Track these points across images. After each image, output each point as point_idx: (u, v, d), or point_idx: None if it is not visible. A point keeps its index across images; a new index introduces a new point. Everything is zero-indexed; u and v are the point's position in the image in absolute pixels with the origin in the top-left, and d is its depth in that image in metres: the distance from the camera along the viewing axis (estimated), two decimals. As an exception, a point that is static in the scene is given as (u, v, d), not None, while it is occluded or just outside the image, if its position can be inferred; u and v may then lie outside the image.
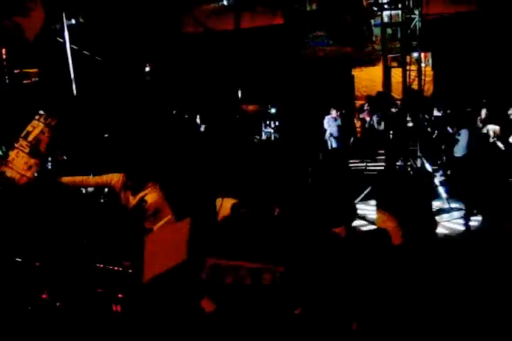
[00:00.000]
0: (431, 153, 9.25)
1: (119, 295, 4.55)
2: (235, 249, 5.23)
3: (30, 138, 6.22)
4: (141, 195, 5.48)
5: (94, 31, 9.79)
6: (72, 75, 8.40)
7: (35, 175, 6.07)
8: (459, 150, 8.93)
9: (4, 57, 9.62)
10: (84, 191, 6.30)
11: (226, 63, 10.84)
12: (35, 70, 10.49)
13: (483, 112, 9.38)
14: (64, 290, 4.73)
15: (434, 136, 9.86)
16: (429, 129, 9.84)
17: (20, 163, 6.10)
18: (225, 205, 5.71)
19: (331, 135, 11.71)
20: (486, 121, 9.01)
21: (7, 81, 9.77)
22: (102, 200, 6.21)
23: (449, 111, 9.93)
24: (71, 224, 5.73)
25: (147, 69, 11.52)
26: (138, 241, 5.26)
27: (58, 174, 5.92)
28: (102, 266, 4.82)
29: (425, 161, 8.88)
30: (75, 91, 8.15)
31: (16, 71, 10.14)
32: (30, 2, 8.38)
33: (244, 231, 5.46)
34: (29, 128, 6.21)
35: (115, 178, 5.68)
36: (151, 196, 5.46)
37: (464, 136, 8.94)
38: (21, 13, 8.34)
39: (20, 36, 8.46)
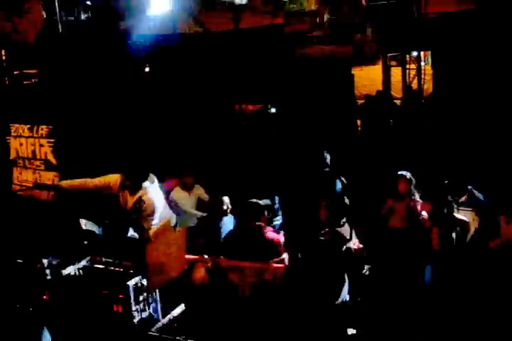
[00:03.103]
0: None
1: (120, 296, 4.56)
2: (237, 249, 5.25)
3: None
4: (138, 195, 5.49)
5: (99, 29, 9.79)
6: None
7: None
8: None
9: (4, 58, 9.63)
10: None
11: (224, 63, 10.83)
12: (35, 71, 10.49)
13: None
14: (65, 291, 4.74)
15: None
16: None
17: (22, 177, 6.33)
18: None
19: None
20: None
21: (7, 82, 9.77)
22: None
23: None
24: (70, 225, 5.73)
25: (146, 69, 11.52)
26: (138, 241, 5.28)
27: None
28: (102, 266, 4.82)
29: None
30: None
31: (15, 72, 10.15)
32: (30, 3, 8.38)
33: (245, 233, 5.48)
34: None
35: (113, 179, 5.69)
36: (149, 196, 5.46)
37: None
38: (21, 15, 8.35)
39: (20, 38, 8.47)
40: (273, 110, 11.32)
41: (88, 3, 9.96)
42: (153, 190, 5.57)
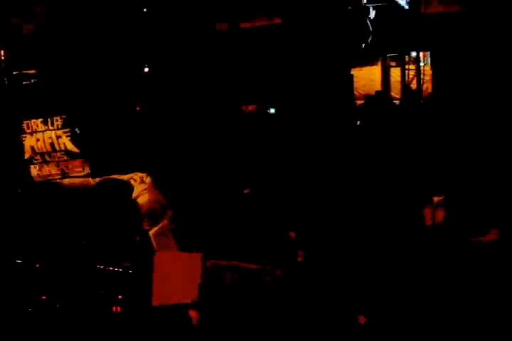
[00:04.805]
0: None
1: (119, 296, 4.55)
2: (235, 250, 5.25)
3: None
4: (134, 195, 5.50)
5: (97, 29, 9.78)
6: None
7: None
8: None
9: (3, 58, 9.61)
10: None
11: (224, 63, 10.83)
12: (34, 71, 10.47)
13: None
14: (64, 291, 4.73)
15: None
16: None
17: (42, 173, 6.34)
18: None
19: None
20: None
21: (6, 82, 9.75)
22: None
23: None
24: (71, 226, 5.73)
25: (146, 69, 11.49)
26: (136, 242, 5.27)
27: None
28: (102, 267, 4.82)
29: None
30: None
31: (14, 72, 10.12)
32: (30, 1, 8.39)
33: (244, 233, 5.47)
34: None
35: None
36: (144, 197, 5.48)
37: None
38: (21, 13, 8.35)
39: (20, 34, 8.47)
40: (272, 110, 11.32)
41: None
42: (149, 191, 5.57)
